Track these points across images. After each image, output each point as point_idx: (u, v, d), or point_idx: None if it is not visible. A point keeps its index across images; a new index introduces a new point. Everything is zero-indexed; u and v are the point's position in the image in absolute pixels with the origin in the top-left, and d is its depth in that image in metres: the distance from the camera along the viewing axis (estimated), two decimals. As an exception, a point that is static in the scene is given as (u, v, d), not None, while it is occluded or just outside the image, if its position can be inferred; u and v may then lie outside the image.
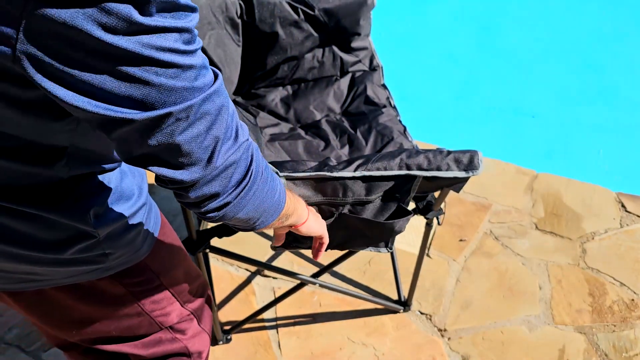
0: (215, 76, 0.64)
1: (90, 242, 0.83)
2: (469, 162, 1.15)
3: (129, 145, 0.62)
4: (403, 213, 1.20)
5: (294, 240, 1.27)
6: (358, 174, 1.15)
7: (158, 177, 0.67)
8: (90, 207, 0.79)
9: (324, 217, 1.19)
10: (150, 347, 1.06)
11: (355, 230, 1.22)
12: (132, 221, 0.89)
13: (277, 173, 1.14)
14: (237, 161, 0.68)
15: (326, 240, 1.08)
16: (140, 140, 0.60)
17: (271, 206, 0.81)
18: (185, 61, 0.58)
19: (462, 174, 1.15)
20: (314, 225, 1.02)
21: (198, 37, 0.60)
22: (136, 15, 0.52)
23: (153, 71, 0.56)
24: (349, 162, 1.18)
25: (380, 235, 1.24)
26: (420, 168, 1.15)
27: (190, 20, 0.58)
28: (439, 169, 1.15)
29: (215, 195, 0.69)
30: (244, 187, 0.71)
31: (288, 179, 1.13)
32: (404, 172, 1.15)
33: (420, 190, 1.21)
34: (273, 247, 1.31)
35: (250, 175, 0.71)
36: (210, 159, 0.65)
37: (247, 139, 0.70)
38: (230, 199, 0.70)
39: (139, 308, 0.98)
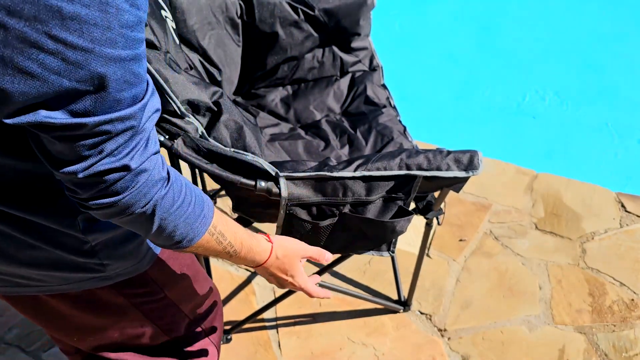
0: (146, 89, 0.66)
1: (83, 250, 0.80)
2: (469, 162, 1.15)
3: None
4: (404, 214, 1.20)
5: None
6: (358, 174, 1.15)
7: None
8: (79, 212, 0.76)
9: (324, 218, 1.19)
10: (154, 356, 1.03)
11: (356, 232, 1.22)
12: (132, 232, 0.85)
13: (277, 173, 1.14)
14: (108, 181, 0.66)
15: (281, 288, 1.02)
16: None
17: (180, 229, 0.76)
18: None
19: (462, 174, 1.15)
20: (273, 278, 0.97)
21: None
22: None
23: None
24: (349, 162, 1.18)
25: (382, 236, 1.24)
26: (420, 168, 1.15)
27: None
28: (438, 168, 1.15)
29: (82, 197, 0.69)
30: (112, 206, 0.69)
31: (288, 178, 1.14)
32: (404, 172, 1.15)
33: (420, 190, 1.21)
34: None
35: (122, 199, 0.68)
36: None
37: (135, 169, 0.67)
38: (95, 209, 0.70)
39: (142, 318, 0.95)
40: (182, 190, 0.75)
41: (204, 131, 1.23)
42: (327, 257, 1.04)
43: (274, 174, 1.13)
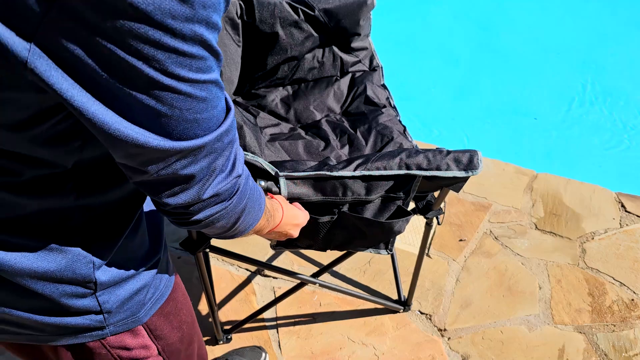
0: (228, 110, 0.64)
1: (83, 293, 0.75)
2: (469, 162, 1.16)
3: (130, 170, 0.61)
4: (403, 214, 1.21)
5: (294, 239, 1.27)
6: (358, 173, 1.15)
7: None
8: (93, 252, 0.73)
9: (322, 214, 1.19)
10: None
11: (354, 230, 1.23)
12: (139, 277, 0.81)
13: (277, 173, 1.14)
14: (222, 193, 0.69)
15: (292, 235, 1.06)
16: (143, 168, 0.60)
17: (247, 223, 0.80)
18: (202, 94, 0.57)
19: (461, 174, 1.15)
20: (269, 236, 1.00)
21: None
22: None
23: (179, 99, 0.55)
24: (348, 162, 1.18)
25: (380, 235, 1.24)
26: (419, 168, 1.15)
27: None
28: (438, 168, 1.15)
29: (192, 215, 0.70)
30: (222, 210, 0.71)
31: (288, 178, 1.14)
32: (403, 171, 1.15)
33: (420, 190, 1.21)
34: (273, 246, 1.31)
35: (231, 202, 0.72)
36: (201, 191, 0.65)
37: (239, 175, 0.70)
38: (204, 218, 0.71)
39: None
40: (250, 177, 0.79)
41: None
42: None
43: (273, 173, 1.14)
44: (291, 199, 1.15)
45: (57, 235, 0.70)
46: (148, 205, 0.83)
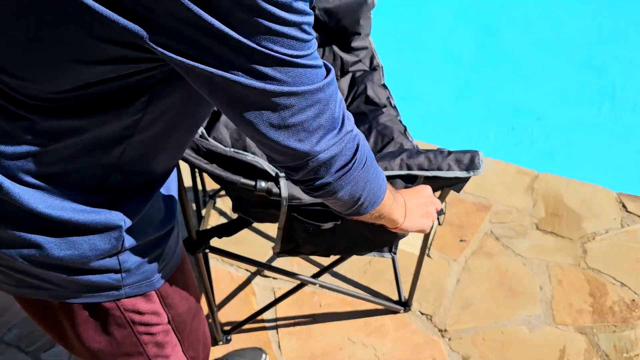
0: (328, 70, 0.68)
1: (109, 252, 0.78)
2: (470, 162, 1.15)
3: (239, 113, 0.65)
4: None
5: (297, 247, 1.27)
6: (358, 174, 1.15)
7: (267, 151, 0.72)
8: (124, 207, 0.76)
9: (327, 218, 1.18)
10: None
11: (358, 235, 1.22)
12: (155, 242, 0.84)
13: (277, 174, 1.13)
14: (340, 152, 0.72)
15: (425, 231, 1.08)
16: (256, 111, 0.64)
17: (372, 192, 0.82)
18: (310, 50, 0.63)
19: (463, 174, 1.15)
20: (410, 227, 1.01)
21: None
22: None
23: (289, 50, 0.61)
24: (349, 162, 1.17)
25: (385, 239, 1.24)
26: (421, 168, 1.15)
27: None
28: (439, 169, 1.15)
29: (317, 178, 0.74)
30: (346, 172, 0.75)
31: (288, 179, 1.13)
32: (404, 172, 1.15)
33: (421, 190, 1.21)
34: (276, 254, 1.30)
35: (354, 162, 0.75)
36: (312, 144, 0.68)
37: (352, 130, 0.74)
38: (331, 180, 0.74)
39: (140, 348, 0.92)
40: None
41: (204, 131, 1.23)
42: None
43: (273, 174, 1.13)
44: (292, 200, 1.14)
45: (94, 191, 0.74)
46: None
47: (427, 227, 1.05)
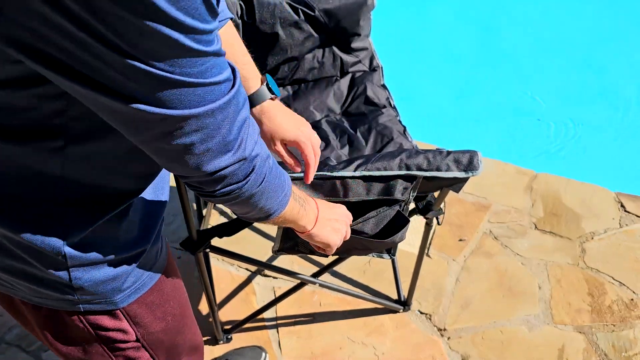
0: (233, 83, 0.61)
1: (56, 265, 0.74)
2: (469, 163, 1.16)
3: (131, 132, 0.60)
4: (402, 221, 1.20)
5: (296, 245, 1.27)
6: (358, 173, 1.15)
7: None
8: (65, 220, 0.71)
9: None
10: None
11: (357, 243, 1.22)
12: (118, 263, 0.78)
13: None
14: (229, 174, 0.67)
15: (329, 251, 1.04)
16: (132, 128, 0.58)
17: (266, 206, 0.79)
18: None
19: (461, 175, 1.15)
20: (318, 237, 0.97)
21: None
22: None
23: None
24: (348, 162, 1.18)
25: (382, 247, 1.24)
26: (420, 168, 1.15)
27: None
28: (438, 169, 1.15)
29: (201, 189, 0.70)
30: (234, 190, 0.71)
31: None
32: (403, 172, 1.15)
33: (420, 190, 1.21)
34: (275, 251, 1.31)
35: (245, 183, 0.71)
36: (199, 165, 0.64)
37: (250, 154, 0.68)
38: (217, 195, 0.71)
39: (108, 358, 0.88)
40: (276, 163, 0.78)
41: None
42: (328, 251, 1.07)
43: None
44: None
45: (34, 202, 0.69)
46: (150, 194, 0.81)
47: (334, 243, 1.00)
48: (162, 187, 0.85)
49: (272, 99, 1.04)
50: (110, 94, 0.53)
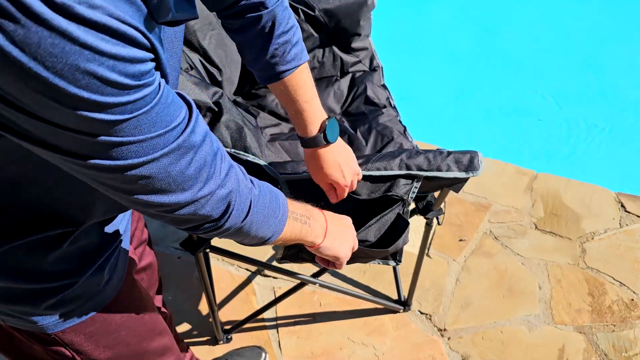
0: (185, 128, 0.58)
1: None
2: (469, 163, 1.16)
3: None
4: (402, 223, 1.20)
5: (300, 252, 1.27)
6: (358, 173, 1.15)
7: None
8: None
9: None
10: None
11: (359, 252, 1.22)
12: (43, 291, 0.75)
13: (277, 175, 1.14)
14: (197, 213, 0.65)
15: (339, 264, 1.00)
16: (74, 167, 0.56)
17: (259, 233, 0.77)
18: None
19: (462, 175, 1.15)
20: (328, 249, 0.94)
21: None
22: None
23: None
24: (348, 162, 1.18)
25: (384, 254, 1.24)
26: (420, 169, 1.15)
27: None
28: (439, 169, 1.15)
29: (186, 229, 0.69)
30: (213, 229, 0.69)
31: (288, 179, 1.14)
32: (404, 172, 1.15)
33: (421, 190, 1.21)
34: (278, 260, 1.31)
35: (225, 220, 0.69)
36: (151, 205, 0.61)
37: (216, 190, 0.65)
38: (201, 234, 0.70)
39: None
40: (265, 190, 0.76)
41: (205, 131, 1.23)
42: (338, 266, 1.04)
43: (273, 175, 1.14)
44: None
45: None
46: (95, 230, 0.79)
47: (345, 255, 0.97)
48: (116, 224, 0.83)
49: (324, 145, 1.06)
50: (50, 149, 0.52)
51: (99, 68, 0.45)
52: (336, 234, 0.94)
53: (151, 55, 0.50)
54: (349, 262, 1.30)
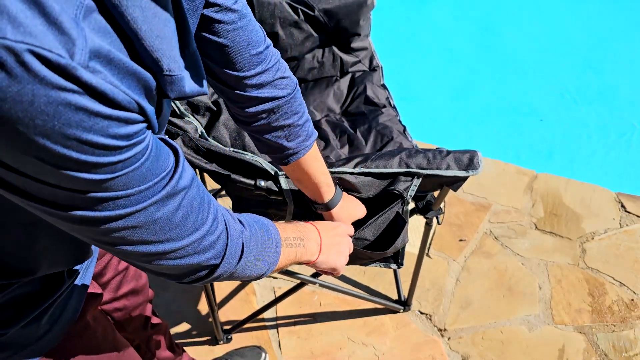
0: (171, 178, 0.57)
1: None
2: (469, 162, 1.15)
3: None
4: (400, 222, 1.20)
5: None
6: (357, 170, 1.15)
7: None
8: None
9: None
10: None
11: (360, 253, 1.22)
12: None
13: (276, 172, 1.14)
14: (184, 267, 0.64)
15: (337, 274, 1.00)
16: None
17: (254, 273, 0.76)
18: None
19: (462, 173, 1.15)
20: (324, 263, 0.95)
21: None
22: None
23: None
24: (348, 160, 1.18)
25: (386, 256, 1.24)
26: (419, 167, 1.15)
27: None
28: (438, 168, 1.15)
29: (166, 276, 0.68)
30: (203, 278, 0.68)
31: (288, 177, 1.14)
32: (403, 169, 1.15)
33: (420, 189, 1.21)
34: None
35: (217, 271, 0.68)
36: (137, 257, 0.60)
37: (203, 239, 0.63)
38: (197, 284, 0.69)
39: None
40: (254, 228, 0.75)
41: (204, 131, 1.23)
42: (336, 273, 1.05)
43: (273, 173, 1.14)
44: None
45: None
46: (28, 286, 0.75)
47: (341, 266, 0.98)
48: (56, 280, 0.79)
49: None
50: (26, 198, 0.51)
51: (90, 130, 0.45)
52: (331, 246, 0.95)
53: (142, 118, 0.50)
54: (348, 264, 1.30)
